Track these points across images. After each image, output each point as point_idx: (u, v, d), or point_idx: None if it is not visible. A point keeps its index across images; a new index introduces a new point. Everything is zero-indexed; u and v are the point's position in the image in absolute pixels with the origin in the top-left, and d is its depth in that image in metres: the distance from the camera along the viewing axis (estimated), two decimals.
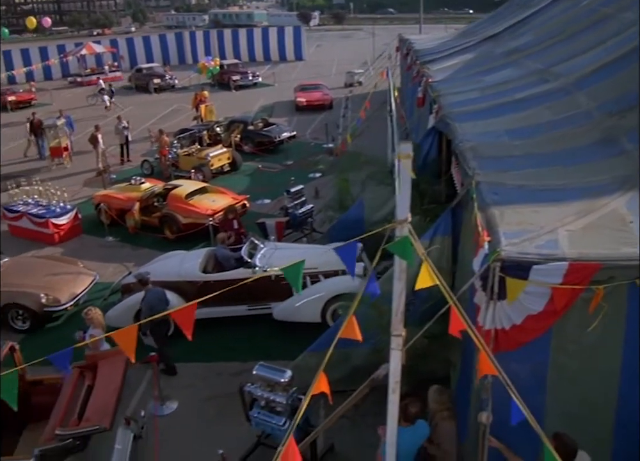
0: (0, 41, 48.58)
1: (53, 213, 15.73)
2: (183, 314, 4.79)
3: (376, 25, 70.10)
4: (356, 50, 53.81)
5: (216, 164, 19.87)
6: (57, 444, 6.78)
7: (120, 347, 4.72)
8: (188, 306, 4.83)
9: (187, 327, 4.68)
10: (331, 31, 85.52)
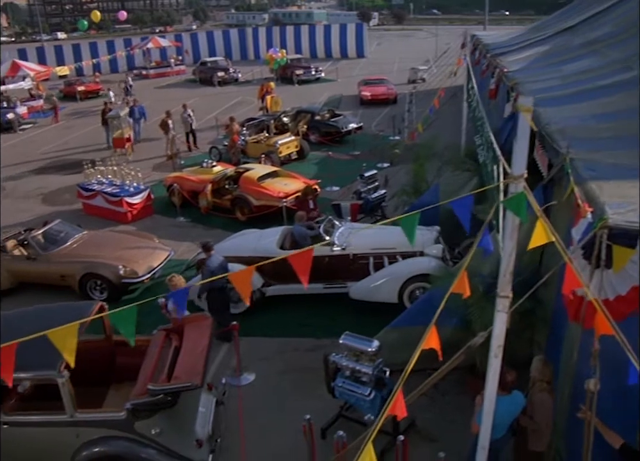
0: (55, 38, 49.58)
1: (127, 192, 16.02)
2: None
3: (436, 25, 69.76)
4: (416, 49, 53.54)
5: (284, 151, 19.95)
6: (149, 398, 6.83)
7: (236, 288, 4.73)
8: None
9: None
10: (390, 30, 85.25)
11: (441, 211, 12.03)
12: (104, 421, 6.94)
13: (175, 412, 7.22)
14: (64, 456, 7.03)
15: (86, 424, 6.94)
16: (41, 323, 7.81)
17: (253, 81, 39.26)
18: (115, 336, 8.51)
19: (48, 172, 22.22)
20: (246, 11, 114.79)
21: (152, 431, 6.97)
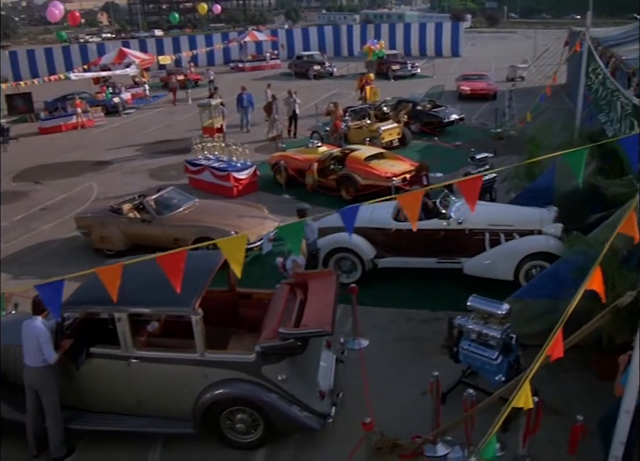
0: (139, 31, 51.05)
1: (234, 168, 16.29)
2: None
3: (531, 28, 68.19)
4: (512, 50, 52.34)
5: (386, 138, 19.88)
6: (279, 342, 6.85)
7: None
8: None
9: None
10: (484, 33, 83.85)
11: (555, 196, 11.72)
12: (232, 363, 7.00)
13: (300, 361, 7.22)
14: (190, 395, 7.13)
15: (214, 365, 7.02)
16: None
17: (348, 76, 39.39)
18: (238, 288, 8.62)
19: (152, 151, 22.94)
20: (337, 11, 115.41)
21: (278, 377, 6.99)
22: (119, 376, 7.24)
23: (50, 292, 4.64)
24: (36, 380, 7.16)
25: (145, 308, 7.34)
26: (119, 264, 5.09)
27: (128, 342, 7.09)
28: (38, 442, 7.49)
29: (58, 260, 12.99)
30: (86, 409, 7.59)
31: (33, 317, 7.21)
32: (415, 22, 59.67)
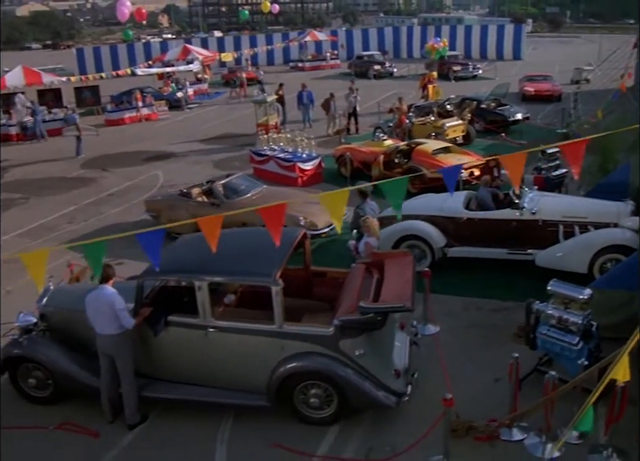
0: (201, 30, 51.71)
1: (300, 158, 16.39)
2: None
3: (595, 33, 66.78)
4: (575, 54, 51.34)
5: (451, 134, 19.68)
6: (358, 316, 6.83)
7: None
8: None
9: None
10: (545, 37, 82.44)
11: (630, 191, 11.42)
12: (310, 336, 7.01)
13: (377, 338, 7.19)
14: (266, 367, 7.15)
15: (292, 337, 7.04)
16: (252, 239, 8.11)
17: (408, 77, 39.25)
18: (312, 267, 8.64)
19: (215, 143, 23.28)
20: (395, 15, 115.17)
21: (355, 352, 6.97)
22: (195, 346, 7.32)
23: (151, 240, 4.73)
24: (111, 347, 7.29)
25: (226, 277, 7.43)
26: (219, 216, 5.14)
27: (207, 311, 7.16)
28: (112, 408, 7.64)
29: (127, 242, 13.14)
30: (159, 378, 7.71)
31: (100, 286, 7.33)
32: (476, 24, 59.01)
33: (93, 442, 7.39)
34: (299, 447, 7.01)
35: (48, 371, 7.86)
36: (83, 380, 7.75)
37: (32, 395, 8.12)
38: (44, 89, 29.11)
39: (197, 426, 7.51)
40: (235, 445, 7.14)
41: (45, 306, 8.26)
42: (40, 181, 19.52)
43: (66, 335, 8.07)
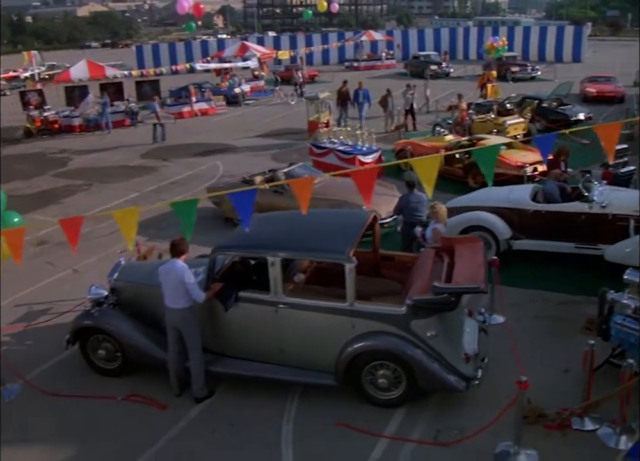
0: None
1: (360, 151, 16.39)
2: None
3: None
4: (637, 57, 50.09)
5: (512, 132, 19.42)
6: (432, 296, 6.78)
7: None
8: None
9: None
10: (605, 40, 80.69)
11: None
12: (382, 315, 6.98)
13: (448, 320, 7.13)
14: (335, 346, 7.15)
15: (363, 316, 7.01)
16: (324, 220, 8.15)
17: (465, 77, 38.89)
18: (381, 250, 8.63)
19: (273, 137, 23.45)
20: (450, 17, 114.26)
21: (427, 333, 6.91)
22: (265, 322, 7.36)
23: (244, 199, 4.80)
24: (179, 321, 7.39)
25: (300, 253, 7.47)
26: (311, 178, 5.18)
27: (279, 287, 7.20)
28: (180, 381, 7.75)
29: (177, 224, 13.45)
30: (227, 354, 7.79)
31: (172, 259, 7.44)
32: (534, 26, 58.08)
33: (161, 414, 7.51)
34: (365, 428, 7.00)
35: (117, 342, 8.03)
36: (151, 352, 7.89)
37: (100, 367, 8.32)
38: (106, 82, 29.82)
39: (263, 403, 7.57)
40: (301, 424, 7.17)
41: (115, 280, 8.45)
42: (102, 169, 19.99)
43: (135, 309, 8.25)
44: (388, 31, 52.98)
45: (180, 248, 7.32)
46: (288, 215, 8.54)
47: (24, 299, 10.97)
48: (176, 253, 7.34)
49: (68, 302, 10.45)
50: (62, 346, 8.67)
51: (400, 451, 6.64)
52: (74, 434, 7.27)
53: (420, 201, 10.50)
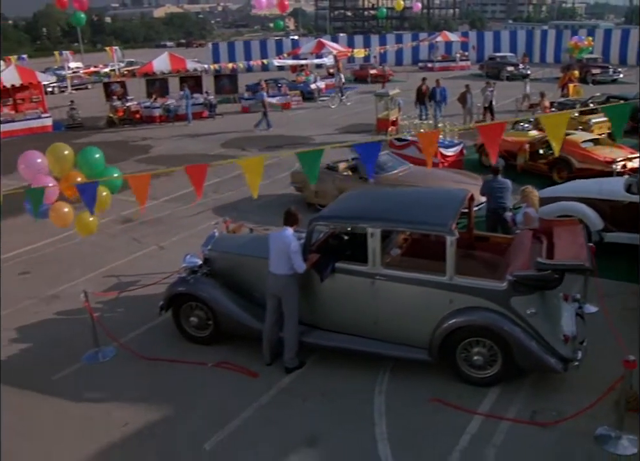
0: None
1: (441, 144, 16.23)
2: None
3: None
4: None
5: (596, 131, 18.85)
6: (535, 272, 6.65)
7: None
8: None
9: None
10: None
11: None
12: (481, 290, 6.88)
13: (547, 300, 6.99)
14: (431, 320, 7.10)
15: (462, 290, 6.93)
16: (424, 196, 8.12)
17: (542, 79, 38.08)
18: (476, 231, 8.54)
19: (349, 131, 23.53)
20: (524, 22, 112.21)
21: (527, 311, 6.79)
22: (361, 294, 7.36)
23: (368, 150, 4.84)
24: (280, 287, 7.46)
25: (401, 225, 7.45)
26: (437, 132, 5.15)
27: (377, 259, 7.19)
28: (272, 350, 7.84)
29: (273, 211, 13.62)
30: (320, 326, 7.82)
31: (284, 227, 7.54)
32: (616, 28, 56.42)
33: (252, 382, 7.61)
34: (458, 404, 6.92)
35: (210, 310, 8.18)
36: (244, 321, 8.00)
37: (191, 334, 8.50)
38: (186, 76, 30.51)
39: (354, 375, 7.59)
40: (393, 397, 7.14)
41: (210, 250, 8.60)
42: (183, 156, 20.45)
43: (228, 279, 8.38)
44: (463, 33, 52.32)
45: (293, 218, 7.46)
46: (385, 191, 8.55)
47: (113, 271, 11.33)
48: (289, 221, 7.48)
49: (154, 275, 10.73)
50: (154, 313, 8.94)
51: (496, 428, 6.54)
52: (167, 396, 7.45)
53: (504, 187, 10.38)
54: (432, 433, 6.52)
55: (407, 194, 7.65)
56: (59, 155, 7.37)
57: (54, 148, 7.48)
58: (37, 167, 7.23)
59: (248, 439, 6.58)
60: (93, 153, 7.55)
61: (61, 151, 7.43)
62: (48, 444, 6.72)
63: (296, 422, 6.82)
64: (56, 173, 7.23)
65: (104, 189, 7.50)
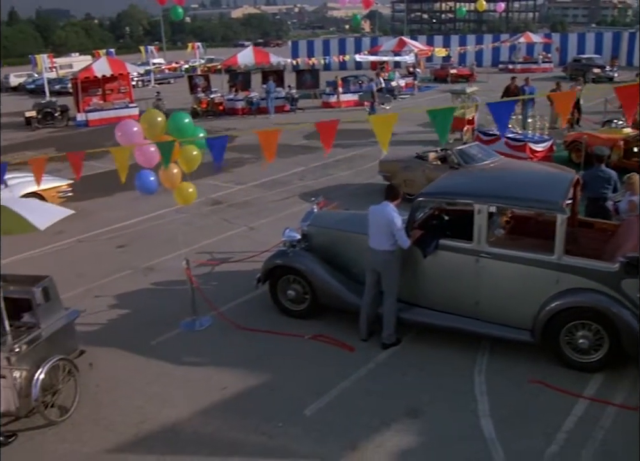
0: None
1: (531, 139, 15.99)
2: None
3: None
4: None
5: None
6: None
7: None
8: None
9: None
10: None
11: None
12: (591, 271, 6.72)
13: None
14: (535, 300, 6.97)
15: (570, 271, 6.79)
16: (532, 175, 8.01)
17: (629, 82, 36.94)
18: (580, 216, 8.37)
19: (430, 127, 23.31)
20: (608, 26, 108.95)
21: (638, 294, 6.59)
22: (463, 272, 7.30)
23: (502, 110, 4.82)
24: (381, 263, 7.47)
25: (510, 202, 7.36)
26: None
27: (483, 236, 7.12)
28: (368, 327, 7.86)
29: (358, 198, 13.71)
30: (418, 304, 7.80)
31: (385, 202, 7.52)
32: None
33: (349, 355, 7.66)
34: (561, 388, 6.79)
35: (308, 284, 8.27)
36: (342, 295, 8.06)
37: (287, 307, 8.61)
38: (269, 70, 30.98)
39: (452, 353, 7.54)
40: (493, 377, 7.06)
41: (309, 225, 8.70)
42: None
43: (326, 255, 8.44)
44: (546, 34, 51.14)
45: (394, 192, 7.46)
46: (491, 170, 8.47)
47: (204, 248, 11.60)
48: (390, 196, 7.47)
49: (246, 254, 10.94)
50: (248, 288, 9.20)
51: (602, 412, 6.38)
52: (264, 364, 7.59)
53: (608, 176, 10.05)
54: (536, 413, 6.41)
55: (514, 173, 7.54)
56: (153, 122, 7.66)
57: (147, 115, 7.79)
58: (133, 134, 7.56)
59: (348, 408, 6.62)
60: (183, 117, 7.81)
61: (154, 117, 7.71)
62: (150, 401, 6.95)
63: (395, 394, 6.83)
64: (150, 137, 7.53)
65: (194, 149, 7.74)
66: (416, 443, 6.02)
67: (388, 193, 7.54)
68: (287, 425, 6.39)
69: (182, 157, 7.69)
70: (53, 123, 28.30)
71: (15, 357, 6.23)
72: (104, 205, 14.55)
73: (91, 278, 10.31)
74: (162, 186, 8.22)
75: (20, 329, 6.66)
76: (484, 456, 5.77)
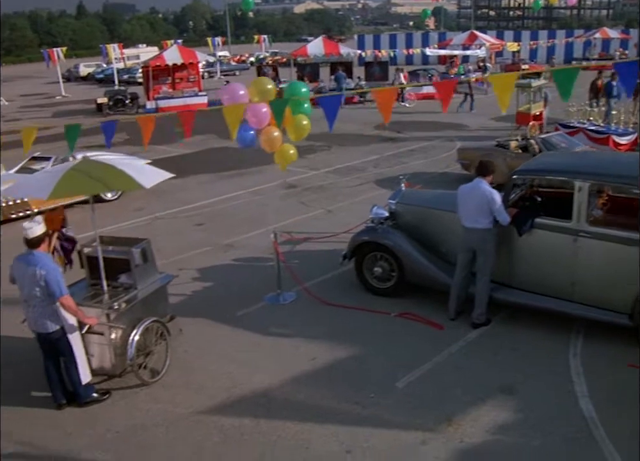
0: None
1: (614, 132, 15.57)
2: None
3: None
4: None
5: None
6: None
7: None
8: None
9: None
10: None
11: None
12: None
13: None
14: (636, 282, 6.73)
15: None
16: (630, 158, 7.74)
17: None
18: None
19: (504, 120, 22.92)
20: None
21: None
22: (560, 252, 7.11)
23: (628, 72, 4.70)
24: (478, 242, 7.34)
25: (613, 180, 7.15)
26: None
27: (582, 215, 6.92)
28: (458, 306, 7.76)
29: (436, 186, 13.55)
30: (511, 285, 7.65)
31: (477, 179, 7.39)
32: None
33: (438, 333, 7.58)
34: None
35: (396, 261, 8.21)
36: (431, 272, 7.98)
37: (372, 285, 8.57)
38: (337, 62, 30.99)
39: (544, 335, 7.37)
40: (589, 360, 6.86)
41: (397, 203, 8.64)
42: (339, 135, 20.61)
43: (413, 233, 8.37)
44: (623, 29, 49.56)
45: (488, 168, 7.31)
46: (586, 151, 8.25)
47: (282, 228, 11.63)
48: (484, 172, 7.32)
49: (325, 234, 10.97)
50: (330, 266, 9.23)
51: None
52: (353, 338, 7.57)
53: None
54: (637, 397, 6.20)
55: (611, 154, 7.32)
56: (262, 89, 7.72)
57: (257, 81, 7.89)
58: (240, 98, 7.65)
59: (440, 382, 6.56)
60: (300, 86, 7.86)
61: (264, 84, 7.79)
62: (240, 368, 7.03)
63: (488, 372, 6.73)
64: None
65: (304, 118, 7.77)
66: (513, 419, 5.91)
67: (481, 169, 7.40)
68: (378, 396, 6.37)
69: (292, 125, 7.73)
70: (123, 110, 28.99)
71: (115, 314, 6.38)
72: (178, 187, 14.79)
73: (170, 253, 10.49)
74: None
75: (117, 289, 6.80)
76: (586, 435, 5.62)
